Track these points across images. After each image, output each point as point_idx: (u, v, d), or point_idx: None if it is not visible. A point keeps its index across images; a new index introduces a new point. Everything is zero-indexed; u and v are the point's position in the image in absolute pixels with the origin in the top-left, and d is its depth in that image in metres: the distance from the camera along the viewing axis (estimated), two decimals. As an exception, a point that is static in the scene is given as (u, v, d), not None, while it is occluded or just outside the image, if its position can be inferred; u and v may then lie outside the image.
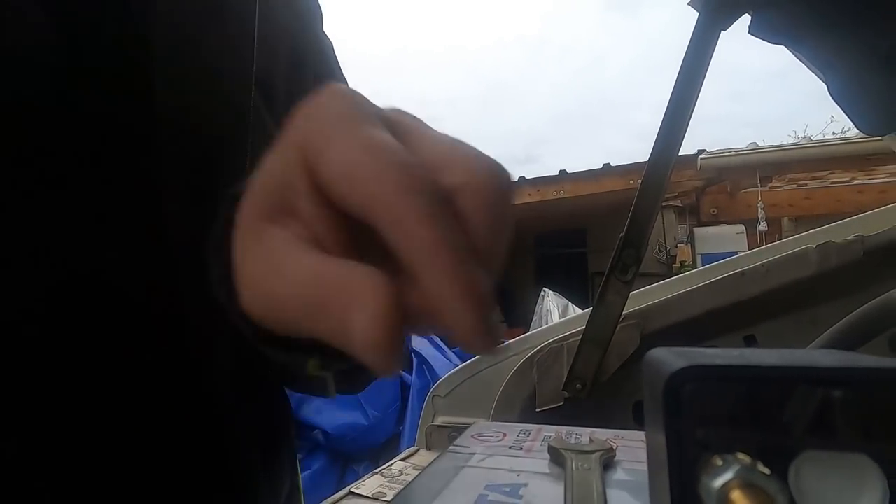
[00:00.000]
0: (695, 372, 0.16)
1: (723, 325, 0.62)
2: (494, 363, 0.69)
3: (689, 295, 0.62)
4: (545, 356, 0.64)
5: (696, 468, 0.16)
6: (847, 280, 0.57)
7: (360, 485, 0.53)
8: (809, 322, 0.59)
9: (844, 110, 0.56)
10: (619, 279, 0.59)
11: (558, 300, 3.82)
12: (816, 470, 0.15)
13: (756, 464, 0.15)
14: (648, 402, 0.19)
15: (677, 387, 0.16)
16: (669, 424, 0.16)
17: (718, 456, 0.15)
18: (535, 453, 0.36)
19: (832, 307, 0.57)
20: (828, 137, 6.40)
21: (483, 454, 0.36)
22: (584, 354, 0.61)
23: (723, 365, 0.16)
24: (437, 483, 0.31)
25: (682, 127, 0.57)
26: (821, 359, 0.17)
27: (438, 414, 0.70)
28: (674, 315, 0.61)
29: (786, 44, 0.54)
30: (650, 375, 0.18)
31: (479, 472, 0.33)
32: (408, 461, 0.62)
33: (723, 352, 0.18)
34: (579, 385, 0.61)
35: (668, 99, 0.57)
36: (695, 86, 0.56)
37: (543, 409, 0.63)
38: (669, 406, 0.16)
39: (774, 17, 0.51)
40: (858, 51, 0.50)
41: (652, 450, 0.19)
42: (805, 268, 0.58)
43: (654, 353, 0.19)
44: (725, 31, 0.55)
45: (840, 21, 0.48)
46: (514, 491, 0.30)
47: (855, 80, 0.53)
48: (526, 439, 0.39)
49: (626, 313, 0.61)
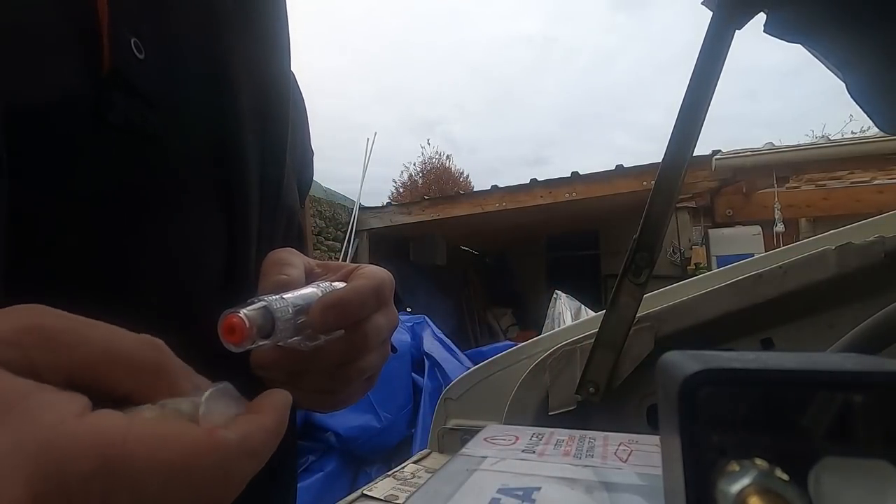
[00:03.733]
0: (711, 375, 0.16)
1: (739, 328, 0.61)
2: (507, 366, 0.69)
3: (704, 297, 0.61)
4: (558, 359, 0.63)
5: (713, 473, 0.15)
6: (867, 282, 0.56)
7: (372, 487, 0.53)
8: (828, 325, 0.58)
9: (863, 108, 0.55)
10: (633, 281, 0.59)
11: (571, 302, 3.80)
12: (837, 476, 0.15)
13: (774, 469, 0.15)
14: (663, 406, 0.19)
15: (693, 390, 0.16)
16: (685, 429, 0.16)
17: (735, 461, 0.15)
18: (547, 457, 0.36)
19: (852, 310, 0.56)
20: (846, 136, 6.30)
21: (495, 457, 0.36)
22: (598, 357, 0.60)
23: (739, 368, 0.16)
24: (450, 486, 0.31)
25: (696, 127, 0.56)
26: (841, 363, 0.17)
27: (451, 417, 0.70)
28: (688, 318, 0.61)
29: (802, 42, 0.53)
30: (665, 379, 0.18)
31: (491, 475, 0.33)
32: (420, 464, 0.62)
33: (739, 355, 0.17)
34: (592, 388, 0.60)
35: (679, 99, 0.56)
36: (709, 86, 0.55)
37: (556, 412, 0.63)
38: (685, 410, 0.16)
39: (790, 16, 0.51)
40: (877, 48, 0.49)
41: (667, 454, 0.19)
42: (824, 270, 0.57)
43: (668, 356, 0.19)
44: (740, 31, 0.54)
45: (857, 19, 0.48)
46: (527, 495, 0.29)
47: (874, 78, 0.52)
48: (539, 443, 0.39)
49: (640, 316, 0.60)
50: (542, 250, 7.69)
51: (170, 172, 0.28)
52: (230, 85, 0.31)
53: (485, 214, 5.34)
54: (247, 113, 0.32)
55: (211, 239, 0.31)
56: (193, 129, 0.30)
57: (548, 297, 4.08)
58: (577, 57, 46.86)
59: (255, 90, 0.33)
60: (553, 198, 5.00)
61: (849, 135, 6.98)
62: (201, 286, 0.30)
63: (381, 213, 5.76)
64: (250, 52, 0.33)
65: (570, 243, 7.17)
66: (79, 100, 0.24)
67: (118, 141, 0.26)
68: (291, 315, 0.22)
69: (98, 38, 0.25)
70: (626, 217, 3.61)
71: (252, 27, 0.34)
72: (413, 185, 13.71)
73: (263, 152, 0.34)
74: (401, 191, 13.51)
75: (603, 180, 4.85)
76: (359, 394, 0.31)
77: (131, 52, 0.26)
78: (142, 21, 0.27)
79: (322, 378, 0.28)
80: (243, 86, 0.32)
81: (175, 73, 0.29)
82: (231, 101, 0.31)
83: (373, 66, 36.67)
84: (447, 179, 13.57)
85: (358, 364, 0.28)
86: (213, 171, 0.31)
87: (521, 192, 5.16)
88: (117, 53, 0.25)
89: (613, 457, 0.36)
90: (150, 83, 0.27)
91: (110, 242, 0.26)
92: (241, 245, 0.31)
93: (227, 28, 0.32)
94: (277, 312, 0.21)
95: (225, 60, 0.31)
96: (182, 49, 0.30)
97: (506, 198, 5.22)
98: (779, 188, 4.37)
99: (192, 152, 0.30)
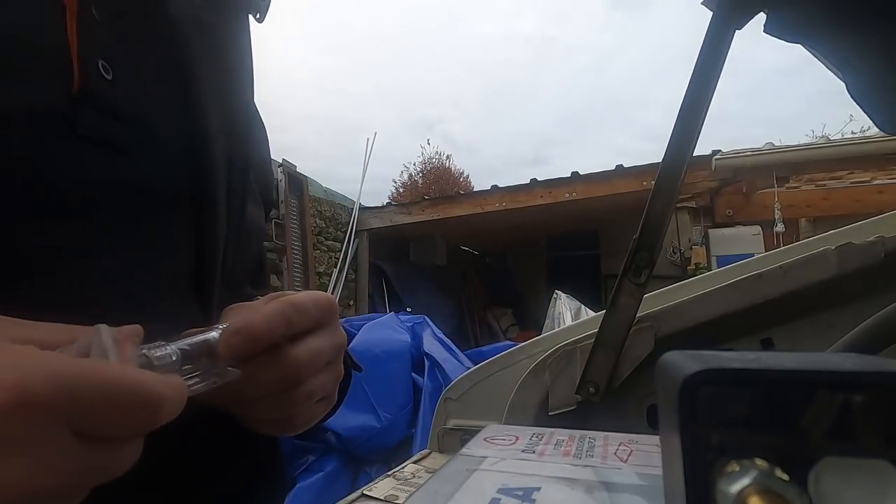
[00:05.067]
0: (711, 375, 0.16)
1: (739, 328, 0.61)
2: (507, 366, 0.69)
3: (704, 297, 0.61)
4: (558, 359, 0.63)
5: (713, 473, 0.15)
6: (867, 282, 0.56)
7: (372, 487, 0.53)
8: (828, 325, 0.58)
9: (863, 108, 0.55)
10: (633, 281, 0.59)
11: (571, 302, 3.80)
12: (837, 476, 0.15)
13: (774, 469, 0.15)
14: (663, 406, 0.19)
15: (693, 390, 0.16)
16: (685, 429, 0.16)
17: (735, 461, 0.15)
18: (547, 457, 0.36)
19: (852, 310, 0.56)
20: (846, 136, 6.30)
21: (495, 457, 0.36)
22: (598, 357, 0.60)
23: (739, 368, 0.16)
24: (450, 486, 0.31)
25: (696, 128, 0.56)
26: (841, 363, 0.17)
27: (451, 417, 0.70)
28: (688, 318, 0.61)
29: (802, 42, 0.53)
30: (665, 379, 0.18)
31: (491, 475, 0.33)
32: (420, 464, 0.62)
33: (739, 355, 0.17)
34: (592, 388, 0.60)
35: (679, 98, 0.56)
36: (709, 86, 0.55)
37: (556, 412, 0.63)
38: (685, 410, 0.16)
39: (790, 16, 0.51)
40: (877, 49, 0.49)
41: (667, 454, 0.19)
42: (824, 270, 0.57)
43: (668, 356, 0.19)
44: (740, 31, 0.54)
45: (857, 19, 0.48)
46: (527, 494, 0.29)
47: (874, 78, 0.52)
48: (539, 443, 0.39)
49: (640, 316, 0.60)
50: (542, 250, 7.69)
51: (142, 183, 0.31)
52: (199, 106, 0.35)
53: (485, 214, 5.34)
54: (214, 131, 0.35)
55: (181, 244, 0.33)
56: (165, 144, 0.33)
57: (548, 297, 4.08)
58: (576, 56, 46.84)
59: (222, 108, 0.37)
60: (553, 198, 5.01)
61: (849, 135, 6.98)
62: (169, 287, 0.32)
63: (381, 213, 5.76)
64: (216, 73, 0.37)
65: (570, 243, 7.17)
66: (51, 114, 0.26)
67: (90, 153, 0.28)
68: (175, 360, 0.23)
69: (69, 59, 0.27)
70: (626, 217, 3.60)
71: (216, 56, 0.38)
72: (413, 184, 13.71)
73: (230, 167, 0.37)
74: (401, 191, 13.51)
75: (603, 180, 4.85)
76: (315, 416, 0.33)
77: (99, 74, 0.28)
78: (109, 45, 0.30)
79: (268, 406, 0.29)
80: (210, 107, 0.35)
81: (146, 94, 0.32)
82: (200, 120, 0.34)
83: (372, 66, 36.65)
84: (447, 179, 13.57)
85: (303, 389, 0.29)
86: (185, 183, 0.33)
87: (521, 192, 5.16)
88: (86, 73, 0.28)
89: (613, 457, 0.35)
90: (120, 102, 0.30)
91: (78, 245, 0.27)
92: (209, 250, 0.34)
93: (194, 55, 0.35)
94: (156, 360, 0.22)
95: (193, 84, 0.35)
96: (151, 73, 0.33)
97: (506, 198, 5.22)
98: (779, 188, 4.37)
99: (164, 165, 0.32)
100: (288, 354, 0.28)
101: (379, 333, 2.61)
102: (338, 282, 4.98)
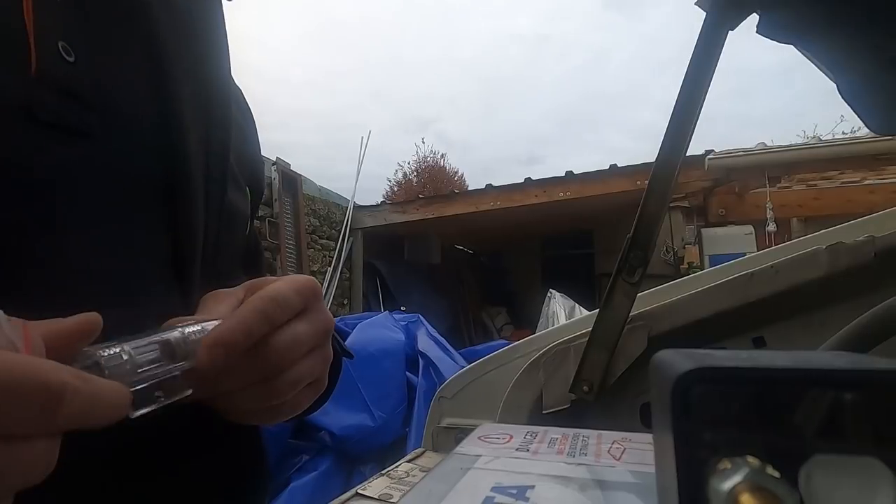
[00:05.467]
0: (703, 374, 0.16)
1: (731, 327, 0.62)
2: (501, 364, 0.69)
3: (697, 296, 0.61)
4: (552, 358, 0.64)
5: (705, 471, 0.16)
6: (858, 281, 0.57)
7: (366, 486, 0.53)
8: (819, 324, 0.59)
9: (854, 110, 0.55)
10: (627, 281, 0.59)
11: (565, 301, 3.81)
12: (827, 474, 0.15)
13: (766, 467, 0.15)
14: (656, 404, 0.19)
15: (685, 389, 0.16)
16: (678, 427, 0.16)
17: (727, 459, 0.15)
18: (541, 455, 0.36)
19: (843, 309, 0.57)
20: (837, 137, 6.36)
21: (489, 456, 0.36)
22: (591, 356, 0.61)
23: (732, 367, 0.16)
24: (444, 485, 0.31)
25: (689, 128, 0.57)
26: (832, 361, 0.17)
27: (445, 415, 0.70)
28: (682, 317, 0.61)
29: (794, 43, 0.53)
30: (658, 377, 0.18)
31: (485, 473, 0.33)
32: (414, 462, 0.62)
33: (731, 354, 0.18)
34: (586, 387, 0.60)
35: (672, 98, 0.56)
36: (702, 86, 0.56)
37: (550, 410, 0.63)
38: (678, 408, 0.16)
39: (782, 17, 0.51)
40: (868, 50, 0.50)
41: (660, 452, 0.19)
42: (815, 269, 0.57)
43: (661, 354, 0.19)
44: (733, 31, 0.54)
45: (848, 21, 0.48)
46: (521, 493, 0.29)
47: (865, 80, 0.53)
48: (533, 441, 0.39)
49: (634, 315, 0.61)
50: (537, 249, 7.70)
51: (108, 168, 0.29)
52: (170, 89, 0.33)
53: (479, 213, 5.34)
54: (188, 115, 0.34)
55: (156, 229, 0.32)
56: (135, 128, 0.31)
57: (542, 295, 4.09)
58: (570, 55, 46.95)
59: (196, 93, 0.35)
60: (547, 197, 5.02)
61: (840, 135, 7.06)
62: (145, 272, 0.31)
63: (376, 211, 5.75)
64: (189, 57, 0.35)
65: (565, 242, 7.19)
66: (6, 97, 0.25)
67: (49, 136, 0.27)
68: (125, 361, 0.21)
69: (26, 40, 0.26)
70: (620, 216, 3.62)
71: (189, 35, 0.36)
72: (408, 183, 13.68)
73: (208, 150, 0.36)
74: (395, 189, 13.49)
75: (597, 180, 4.87)
76: (304, 402, 0.32)
77: (59, 55, 0.27)
78: (71, 26, 0.28)
79: (249, 397, 0.28)
80: (184, 88, 0.34)
81: (112, 76, 0.30)
82: (172, 104, 0.33)
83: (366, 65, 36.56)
84: (442, 178, 13.56)
85: (286, 377, 0.28)
86: (157, 167, 0.32)
87: (516, 192, 5.16)
88: (43, 55, 0.26)
89: (607, 455, 0.36)
90: (83, 85, 0.28)
91: (44, 230, 0.26)
92: (186, 237, 0.33)
93: (165, 38, 0.34)
94: (104, 361, 0.20)
95: (164, 67, 0.33)
96: (118, 55, 0.31)
97: (500, 197, 5.22)
98: (771, 188, 4.40)
99: (134, 149, 0.31)
100: (267, 344, 0.27)
101: (373, 332, 2.61)
102: (332, 281, 4.97)
